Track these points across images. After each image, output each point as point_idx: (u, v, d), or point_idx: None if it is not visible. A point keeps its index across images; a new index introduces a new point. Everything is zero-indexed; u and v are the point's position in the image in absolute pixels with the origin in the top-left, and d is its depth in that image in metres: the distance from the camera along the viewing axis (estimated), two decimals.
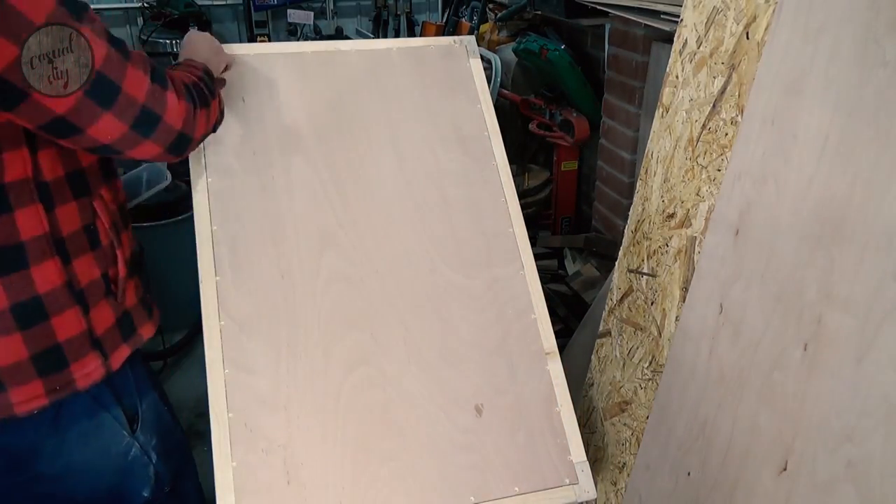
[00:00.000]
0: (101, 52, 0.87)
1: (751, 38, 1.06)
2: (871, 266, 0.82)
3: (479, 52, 1.53)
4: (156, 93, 0.95)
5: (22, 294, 0.94)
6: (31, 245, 0.94)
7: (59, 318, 0.97)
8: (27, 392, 0.96)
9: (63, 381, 0.99)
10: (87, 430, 1.05)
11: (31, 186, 0.93)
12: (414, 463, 1.18)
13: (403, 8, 5.42)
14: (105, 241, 1.05)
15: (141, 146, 0.97)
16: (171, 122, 0.98)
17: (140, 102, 0.93)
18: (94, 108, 0.88)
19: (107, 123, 0.90)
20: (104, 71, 0.88)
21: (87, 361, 1.01)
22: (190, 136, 1.03)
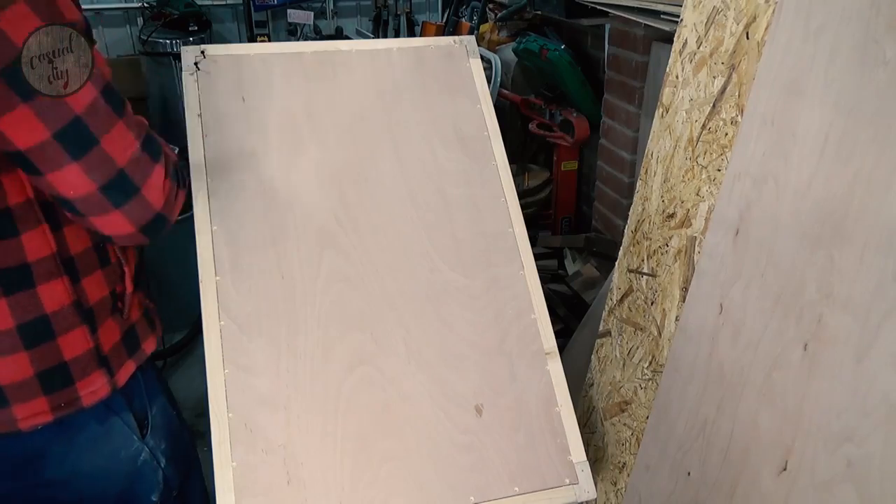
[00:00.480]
0: (88, 98, 0.82)
1: (751, 38, 1.06)
2: (871, 266, 0.82)
3: (479, 52, 1.53)
4: (142, 162, 0.88)
5: (29, 314, 0.93)
6: (37, 265, 0.92)
7: (66, 337, 0.96)
8: (31, 408, 0.96)
9: (68, 399, 0.98)
10: (96, 436, 1.04)
11: (35, 208, 0.91)
12: (414, 463, 1.18)
13: (403, 8, 5.42)
14: (113, 259, 1.04)
15: (109, 216, 0.88)
16: (151, 200, 0.91)
17: (118, 165, 0.86)
18: (61, 154, 0.82)
19: (72, 175, 0.83)
20: (85, 119, 0.82)
21: (94, 379, 1.01)
22: (167, 220, 0.97)
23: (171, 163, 0.96)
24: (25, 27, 0.76)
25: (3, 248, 0.89)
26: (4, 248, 0.89)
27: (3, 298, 0.90)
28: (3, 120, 0.78)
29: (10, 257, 0.89)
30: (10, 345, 0.92)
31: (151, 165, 0.90)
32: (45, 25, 0.78)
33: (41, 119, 0.79)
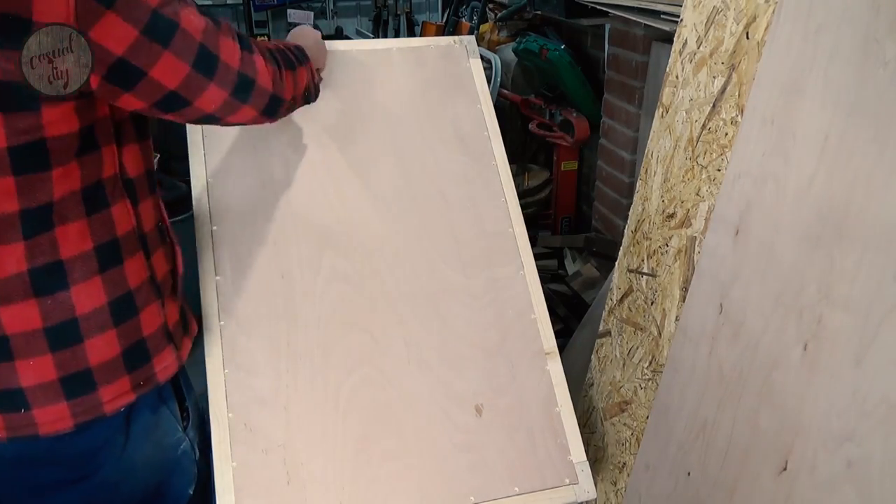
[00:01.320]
0: (199, 25, 0.92)
1: (751, 38, 1.06)
2: (871, 266, 0.82)
3: (479, 52, 1.53)
4: (245, 58, 1.00)
5: (118, 290, 0.95)
6: (124, 240, 0.96)
7: (145, 312, 1.00)
8: (117, 389, 0.96)
9: (146, 376, 1.00)
10: (149, 425, 1.04)
11: (119, 182, 0.96)
12: (414, 463, 1.18)
13: (403, 8, 5.42)
14: (169, 238, 1.09)
15: (240, 111, 1.02)
16: (263, 85, 1.03)
17: (235, 69, 0.98)
18: (200, 79, 0.93)
19: (211, 93, 0.95)
20: (205, 43, 0.92)
21: (166, 355, 1.03)
22: (281, 97, 1.08)
23: (266, 49, 1.07)
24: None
25: (98, 221, 0.92)
26: (99, 220, 0.93)
27: (98, 276, 0.93)
28: (156, 68, 0.88)
29: (104, 231, 0.93)
30: (103, 322, 0.94)
31: (251, 57, 1.01)
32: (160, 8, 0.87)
33: (180, 57, 0.90)
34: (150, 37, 0.86)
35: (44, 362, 0.91)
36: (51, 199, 0.87)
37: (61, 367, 0.91)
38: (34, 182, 0.85)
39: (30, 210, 0.86)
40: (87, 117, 0.88)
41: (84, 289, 0.92)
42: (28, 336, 0.89)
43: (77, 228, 0.90)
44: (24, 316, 0.89)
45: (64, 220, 0.89)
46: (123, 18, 0.83)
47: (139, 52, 0.85)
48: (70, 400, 0.93)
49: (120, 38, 0.83)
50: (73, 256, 0.90)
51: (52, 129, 0.84)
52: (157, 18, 0.86)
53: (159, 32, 0.87)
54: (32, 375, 0.91)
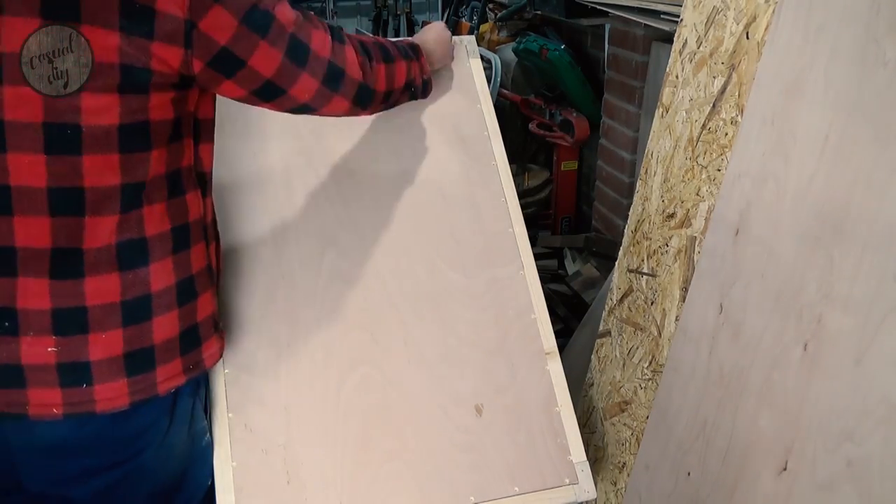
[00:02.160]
0: (290, 16, 0.98)
1: (751, 38, 1.06)
2: (871, 266, 0.82)
3: (479, 52, 1.53)
4: (336, 48, 1.05)
5: (184, 272, 1.00)
6: (193, 226, 1.02)
7: (202, 298, 1.04)
8: (170, 370, 1.00)
9: (195, 360, 1.03)
10: (187, 411, 1.07)
11: (192, 174, 1.02)
12: (414, 463, 1.18)
13: (403, 8, 5.42)
14: (217, 233, 1.13)
15: (332, 102, 1.07)
16: (352, 74, 1.07)
17: (326, 58, 1.03)
18: (292, 68, 0.99)
19: (304, 82, 1.01)
20: (296, 33, 0.98)
21: (213, 342, 1.07)
22: (371, 88, 1.12)
23: (359, 41, 1.12)
24: None
25: (175, 205, 0.98)
26: (176, 205, 0.98)
27: (171, 256, 0.98)
28: (254, 57, 0.95)
29: (179, 216, 0.99)
30: (170, 301, 0.98)
31: (342, 48, 1.06)
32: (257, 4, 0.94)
33: (274, 46, 0.96)
34: (249, 27, 0.93)
35: (114, 337, 0.94)
36: (145, 179, 0.93)
37: (129, 342, 0.95)
38: (136, 160, 0.92)
39: (128, 186, 0.92)
40: (179, 109, 0.95)
41: (160, 267, 0.97)
42: (106, 309, 0.93)
43: (160, 209, 0.96)
44: (106, 288, 0.93)
45: (151, 200, 0.95)
46: (227, 9, 0.91)
47: (240, 42, 0.93)
48: (130, 377, 0.96)
49: (224, 28, 0.91)
50: (155, 235, 0.96)
51: (156, 113, 0.91)
52: (255, 10, 0.93)
53: (257, 23, 0.94)
54: (101, 349, 0.94)
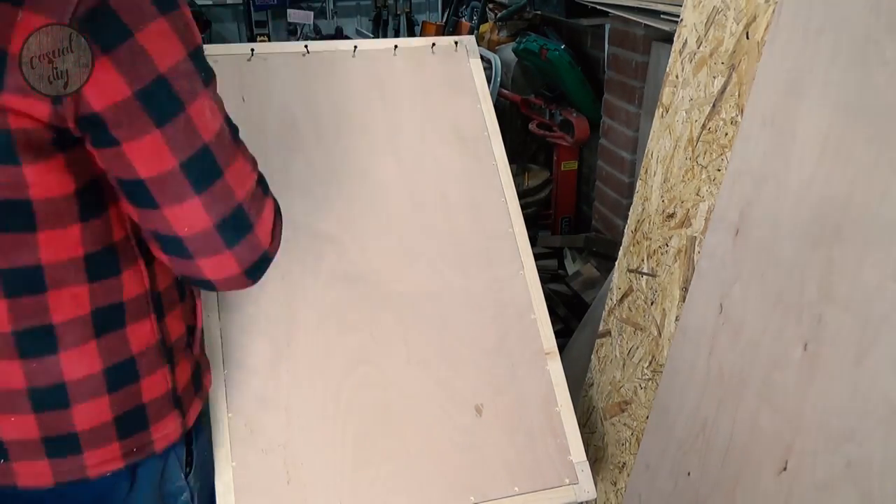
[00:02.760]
0: (213, 125, 0.77)
1: (751, 38, 1.06)
2: (871, 266, 0.82)
3: (479, 52, 1.53)
4: (256, 196, 0.82)
5: (116, 357, 0.86)
6: (130, 304, 0.86)
7: (149, 378, 0.90)
8: (103, 455, 0.89)
9: (140, 444, 0.91)
10: (155, 471, 0.96)
11: (132, 242, 0.85)
12: (414, 463, 1.18)
13: (403, 8, 5.42)
14: (187, 291, 0.98)
15: (218, 256, 0.81)
16: (260, 237, 0.83)
17: (237, 200, 0.79)
18: (184, 186, 0.76)
19: (192, 210, 0.77)
20: (212, 148, 0.76)
21: (168, 422, 0.93)
22: (270, 259, 0.88)
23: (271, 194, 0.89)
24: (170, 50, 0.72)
25: (101, 287, 0.82)
26: (103, 286, 0.82)
27: (93, 341, 0.84)
28: (130, 145, 0.73)
29: (106, 296, 0.83)
30: (95, 388, 0.86)
31: (263, 199, 0.84)
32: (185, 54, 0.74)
33: (171, 146, 0.74)
34: (145, 105, 0.71)
35: (26, 420, 0.84)
36: (37, 263, 0.77)
37: (45, 427, 0.85)
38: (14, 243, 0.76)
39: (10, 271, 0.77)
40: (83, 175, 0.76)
41: (75, 354, 0.83)
42: (10, 394, 0.83)
43: (73, 293, 0.80)
44: (6, 375, 0.82)
45: (58, 285, 0.79)
46: (119, 70, 0.70)
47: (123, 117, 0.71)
48: (52, 458, 0.86)
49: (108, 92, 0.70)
50: (66, 322, 0.81)
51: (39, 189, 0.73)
52: (161, 87, 0.72)
53: (158, 105, 0.72)
54: (14, 431, 0.84)
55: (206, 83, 0.77)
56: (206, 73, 0.77)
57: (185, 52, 0.74)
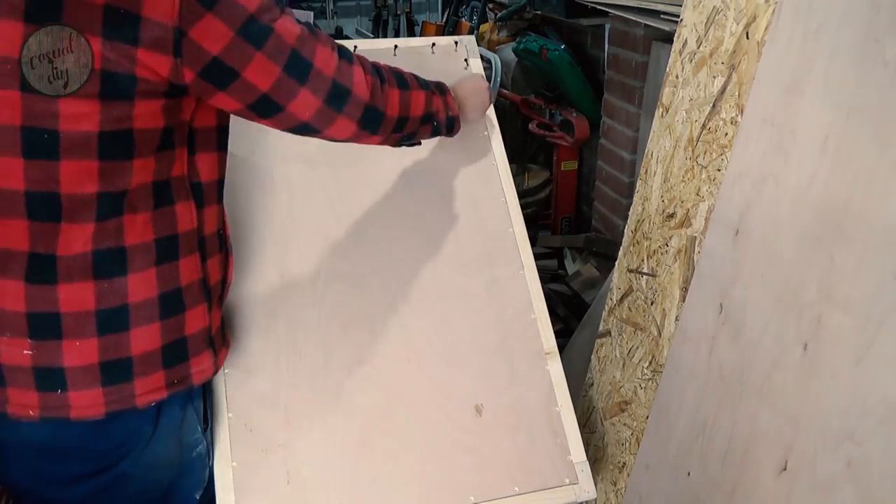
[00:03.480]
0: (293, 30, 0.95)
1: (751, 38, 1.06)
2: (871, 266, 0.82)
3: (479, 52, 1.53)
4: (343, 67, 1.01)
5: (169, 285, 0.98)
6: (183, 238, 0.99)
7: (192, 312, 1.01)
8: (151, 383, 0.98)
9: (181, 375, 1.01)
10: (176, 420, 1.05)
11: (186, 184, 0.99)
12: (414, 463, 1.18)
13: (403, 8, 5.42)
14: (226, 247, 1.11)
15: (336, 122, 1.02)
16: (359, 94, 1.03)
17: (329, 76, 0.99)
18: (292, 84, 0.95)
19: (304, 98, 0.97)
20: (298, 49, 0.95)
21: (204, 358, 1.04)
22: (380, 111, 1.07)
23: (371, 64, 1.08)
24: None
25: (162, 216, 0.96)
26: (163, 215, 0.96)
27: (154, 267, 0.96)
28: (246, 70, 0.91)
29: (166, 226, 0.96)
30: (151, 314, 0.96)
31: (349, 67, 1.02)
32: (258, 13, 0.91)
33: (272, 60, 0.93)
34: (244, 38, 0.90)
35: (89, 345, 0.93)
36: (126, 188, 0.91)
37: (105, 351, 0.94)
38: (116, 169, 0.89)
39: (106, 194, 0.89)
40: (170, 118, 0.92)
41: (140, 278, 0.94)
42: (80, 316, 0.92)
43: (143, 219, 0.94)
44: (80, 296, 0.91)
45: (133, 210, 0.92)
46: (222, 19, 0.88)
47: (233, 53, 0.90)
48: (106, 387, 0.94)
49: (217, 37, 0.88)
50: (136, 245, 0.94)
51: (141, 121, 0.89)
52: (253, 22, 0.90)
53: (253, 35, 0.91)
54: (76, 356, 0.92)
55: (281, 9, 0.96)
56: (280, 3, 0.96)
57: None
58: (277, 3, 0.96)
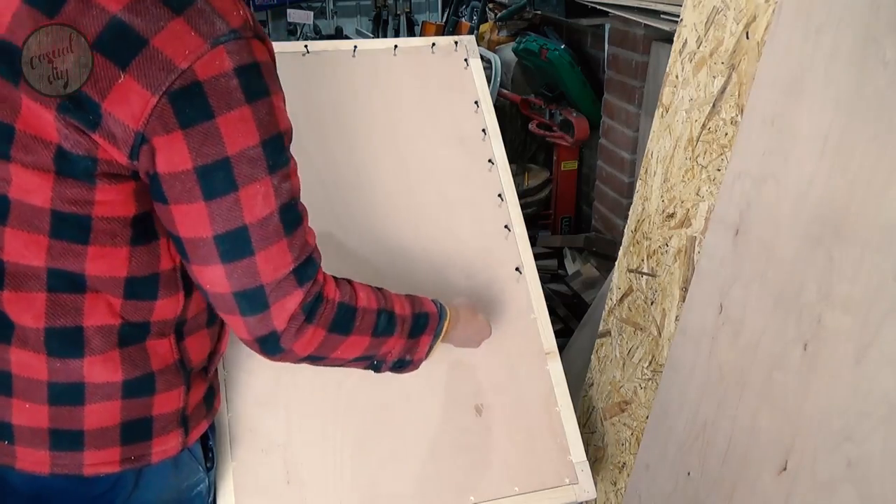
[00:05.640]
0: (264, 211, 0.80)
1: (751, 38, 1.06)
2: (871, 266, 0.82)
3: (479, 52, 1.53)
4: (285, 284, 0.84)
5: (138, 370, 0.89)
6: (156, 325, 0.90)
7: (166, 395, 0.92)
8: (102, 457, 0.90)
9: (139, 453, 0.92)
10: (165, 469, 0.97)
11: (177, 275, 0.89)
12: (414, 463, 1.18)
13: (403, 8, 5.42)
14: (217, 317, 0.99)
15: (233, 319, 0.86)
16: (274, 319, 0.85)
17: (261, 283, 0.82)
18: (212, 255, 0.80)
19: (215, 274, 0.81)
20: (250, 230, 0.80)
21: (171, 437, 0.94)
22: (283, 347, 0.87)
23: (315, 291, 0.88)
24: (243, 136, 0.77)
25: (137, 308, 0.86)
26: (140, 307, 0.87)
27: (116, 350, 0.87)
28: (177, 207, 0.78)
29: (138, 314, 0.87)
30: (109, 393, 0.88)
31: (292, 289, 0.85)
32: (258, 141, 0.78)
33: (211, 218, 0.78)
34: (198, 178, 0.76)
35: (39, 410, 0.87)
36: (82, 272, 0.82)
37: (55, 420, 0.87)
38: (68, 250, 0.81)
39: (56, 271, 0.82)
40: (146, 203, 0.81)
41: (100, 360, 0.86)
42: (31, 382, 0.86)
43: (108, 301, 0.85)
44: (31, 365, 0.85)
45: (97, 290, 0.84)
46: (189, 146, 0.75)
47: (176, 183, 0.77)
48: (53, 451, 0.88)
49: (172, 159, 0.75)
50: (96, 327, 0.85)
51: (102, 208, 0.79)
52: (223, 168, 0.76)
53: (211, 182, 0.77)
54: (25, 417, 0.87)
55: (270, 170, 0.80)
56: (274, 161, 0.80)
57: (259, 140, 0.78)
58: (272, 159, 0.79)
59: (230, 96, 0.75)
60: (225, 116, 0.75)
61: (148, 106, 0.73)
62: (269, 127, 0.79)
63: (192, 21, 0.74)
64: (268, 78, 0.80)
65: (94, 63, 0.73)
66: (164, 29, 0.73)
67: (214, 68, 0.74)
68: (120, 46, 0.73)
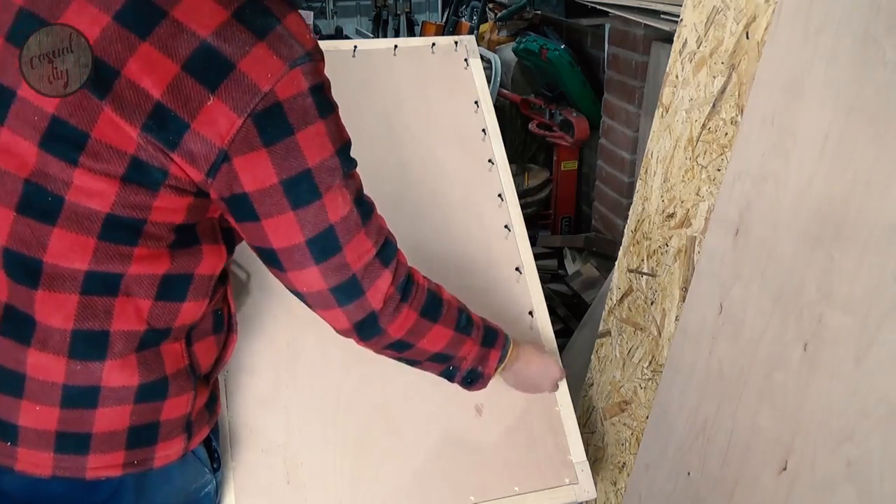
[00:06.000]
0: (342, 210, 0.87)
1: (751, 38, 1.06)
2: (871, 266, 0.82)
3: (479, 52, 1.53)
4: (372, 267, 0.91)
5: (153, 374, 0.91)
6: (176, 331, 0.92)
7: (175, 399, 0.94)
8: (106, 461, 0.90)
9: (143, 458, 0.93)
10: (171, 471, 0.97)
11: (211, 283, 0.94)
12: (414, 463, 1.18)
13: (403, 8, 5.42)
14: (227, 325, 1.03)
15: (332, 312, 0.93)
16: (370, 300, 0.92)
17: (352, 271, 0.90)
18: (307, 259, 0.87)
19: (310, 276, 0.88)
20: (336, 229, 0.87)
21: (173, 443, 0.96)
22: (381, 327, 0.95)
23: (405, 271, 0.98)
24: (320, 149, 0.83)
25: (164, 310, 0.89)
26: (167, 310, 0.89)
27: (133, 355, 0.89)
28: (268, 221, 0.84)
29: (162, 319, 0.89)
30: (123, 397, 0.89)
31: (380, 270, 0.93)
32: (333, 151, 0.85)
33: (301, 225, 0.85)
34: (285, 191, 0.82)
35: (49, 412, 0.87)
36: (123, 272, 0.84)
37: (64, 423, 0.88)
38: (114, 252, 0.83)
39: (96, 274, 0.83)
40: (194, 215, 0.86)
41: (119, 364, 0.88)
42: (45, 385, 0.86)
43: (137, 306, 0.87)
44: (48, 367, 0.86)
45: (129, 293, 0.86)
46: (273, 162, 0.80)
47: (266, 199, 0.82)
48: (57, 453, 0.88)
49: (258, 177, 0.81)
50: (122, 331, 0.87)
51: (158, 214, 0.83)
52: (305, 179, 0.83)
53: (297, 193, 0.83)
54: (32, 419, 0.87)
55: (345, 175, 0.88)
56: (347, 167, 0.88)
57: (333, 150, 0.85)
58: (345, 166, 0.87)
59: (306, 113, 0.81)
60: (303, 132, 0.81)
61: (234, 127, 0.77)
62: (338, 137, 0.86)
63: (274, 45, 0.78)
64: (331, 95, 0.86)
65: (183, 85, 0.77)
66: (248, 54, 0.77)
67: (293, 88, 0.79)
68: (209, 70, 0.77)
